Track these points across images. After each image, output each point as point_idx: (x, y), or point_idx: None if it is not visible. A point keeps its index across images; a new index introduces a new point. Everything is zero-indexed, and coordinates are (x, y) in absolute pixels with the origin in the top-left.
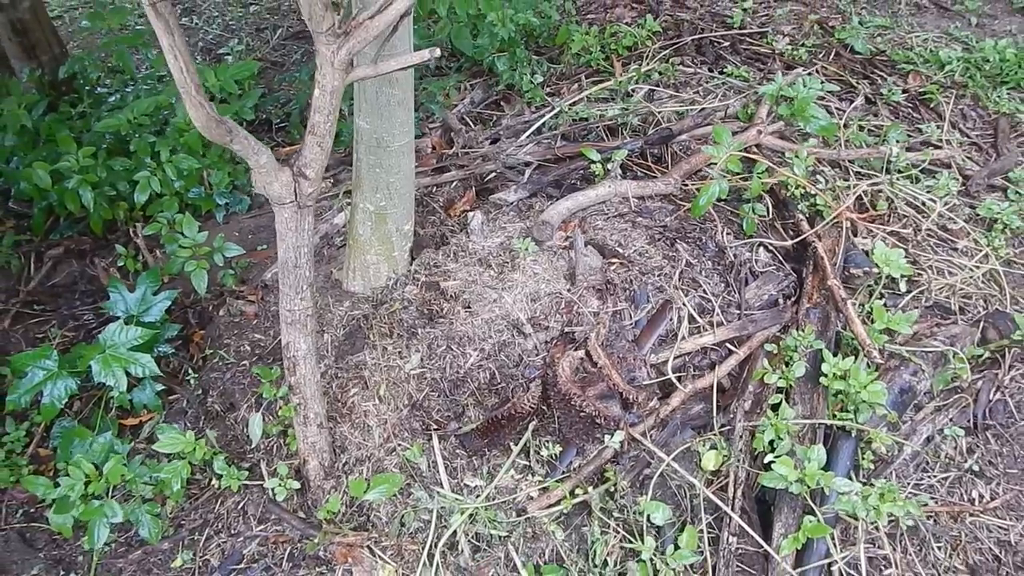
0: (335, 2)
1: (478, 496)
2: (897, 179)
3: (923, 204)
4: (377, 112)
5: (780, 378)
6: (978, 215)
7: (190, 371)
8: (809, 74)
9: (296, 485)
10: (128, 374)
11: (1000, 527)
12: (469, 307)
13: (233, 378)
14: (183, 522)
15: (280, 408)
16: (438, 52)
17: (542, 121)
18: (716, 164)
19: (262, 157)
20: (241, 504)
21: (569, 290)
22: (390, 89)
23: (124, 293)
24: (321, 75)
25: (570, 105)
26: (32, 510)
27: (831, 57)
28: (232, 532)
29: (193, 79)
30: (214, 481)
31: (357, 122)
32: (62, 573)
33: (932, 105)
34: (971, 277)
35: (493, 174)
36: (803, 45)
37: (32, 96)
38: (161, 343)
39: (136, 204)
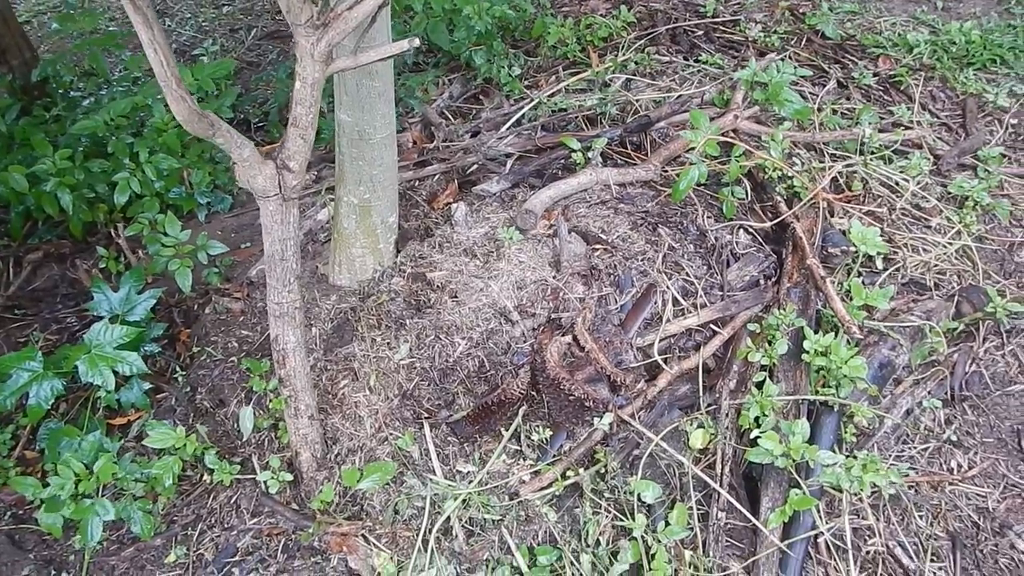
0: None
1: (471, 482)
2: (871, 160)
3: (896, 184)
4: (358, 105)
5: (763, 356)
6: (949, 193)
7: (177, 369)
8: (782, 60)
9: (289, 477)
10: (115, 373)
11: (978, 495)
12: (456, 297)
13: (222, 374)
14: (175, 518)
15: (270, 401)
16: (417, 42)
17: (521, 113)
18: (695, 149)
19: (245, 150)
20: (234, 498)
21: (554, 277)
22: (370, 81)
23: (108, 293)
24: (301, 67)
25: (549, 96)
26: (20, 512)
27: (803, 43)
28: (225, 526)
29: (174, 73)
30: (206, 476)
31: (339, 116)
32: (53, 573)
33: (902, 87)
34: (945, 253)
35: (475, 166)
36: (775, 32)
37: (4, 100)
38: (147, 342)
39: (116, 206)
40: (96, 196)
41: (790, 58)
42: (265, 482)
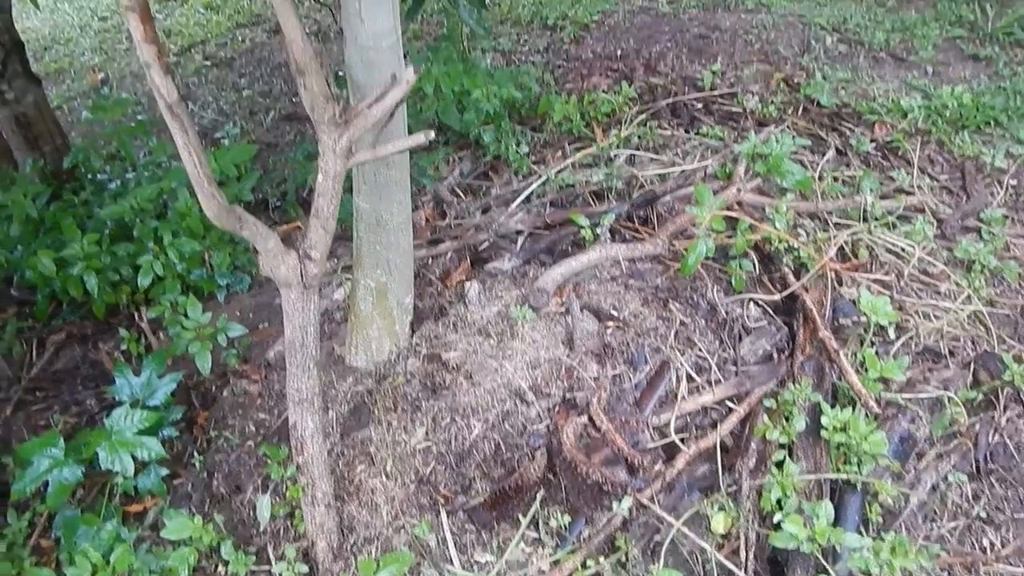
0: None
1: (488, 572)
2: (875, 227)
3: (902, 250)
4: (376, 193)
5: (781, 434)
6: (956, 257)
7: (195, 453)
8: (781, 130)
9: (304, 569)
10: (134, 459)
11: (1014, 575)
12: (471, 377)
13: (238, 459)
14: None
15: (287, 489)
16: (432, 134)
17: (530, 189)
18: (701, 224)
19: (269, 242)
20: None
21: (568, 356)
22: (387, 171)
23: (130, 377)
24: (324, 162)
25: (556, 172)
26: None
27: (799, 112)
28: None
29: (206, 173)
30: (220, 568)
31: (357, 202)
32: None
33: (900, 152)
34: (956, 319)
35: (486, 243)
36: (772, 102)
37: (36, 186)
38: (166, 426)
39: (139, 288)
40: (120, 278)
41: (788, 127)
42: (280, 574)
